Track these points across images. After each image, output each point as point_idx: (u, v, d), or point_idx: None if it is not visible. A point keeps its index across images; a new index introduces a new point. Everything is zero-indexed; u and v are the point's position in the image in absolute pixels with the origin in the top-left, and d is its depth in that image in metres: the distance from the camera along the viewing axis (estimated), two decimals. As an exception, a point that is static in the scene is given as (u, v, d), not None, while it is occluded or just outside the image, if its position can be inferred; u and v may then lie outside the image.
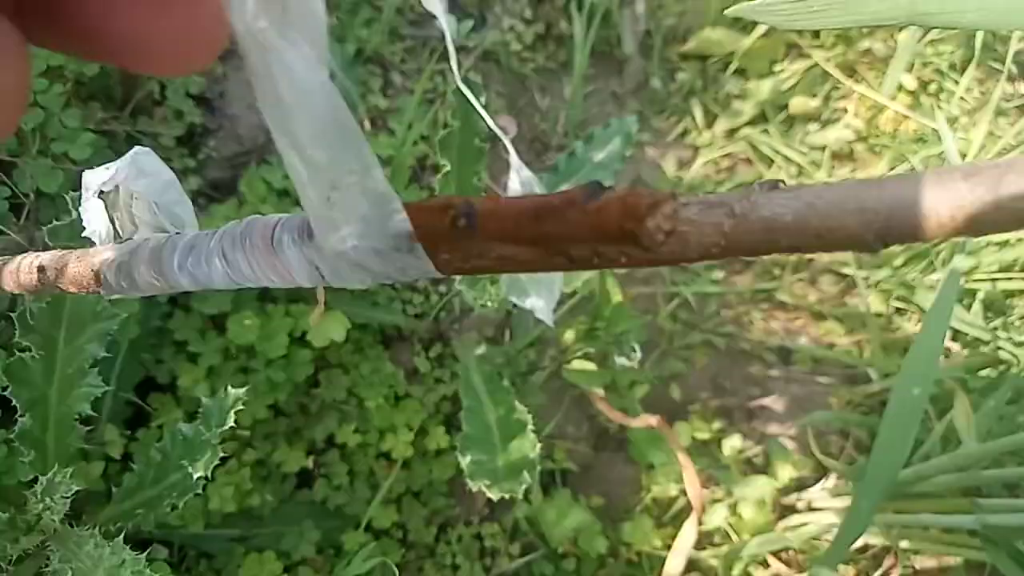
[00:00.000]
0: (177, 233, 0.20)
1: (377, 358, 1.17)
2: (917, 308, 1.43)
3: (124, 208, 0.22)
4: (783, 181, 0.14)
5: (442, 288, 1.25)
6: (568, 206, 0.14)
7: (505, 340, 1.26)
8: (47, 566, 0.68)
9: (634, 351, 0.95)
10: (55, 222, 0.63)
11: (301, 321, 1.08)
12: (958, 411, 1.01)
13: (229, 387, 0.74)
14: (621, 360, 0.94)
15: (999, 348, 1.29)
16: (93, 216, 0.23)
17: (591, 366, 1.02)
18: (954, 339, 1.38)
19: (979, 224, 0.13)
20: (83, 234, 0.23)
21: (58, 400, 0.65)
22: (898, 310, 1.45)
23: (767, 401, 1.33)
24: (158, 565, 0.87)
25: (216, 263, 0.18)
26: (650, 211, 0.13)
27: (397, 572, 1.12)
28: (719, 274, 1.47)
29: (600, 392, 1.05)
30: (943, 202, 0.13)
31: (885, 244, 0.14)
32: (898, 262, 1.45)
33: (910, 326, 1.43)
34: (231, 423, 0.70)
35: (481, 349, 1.11)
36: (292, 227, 0.18)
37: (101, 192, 0.22)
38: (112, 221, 0.22)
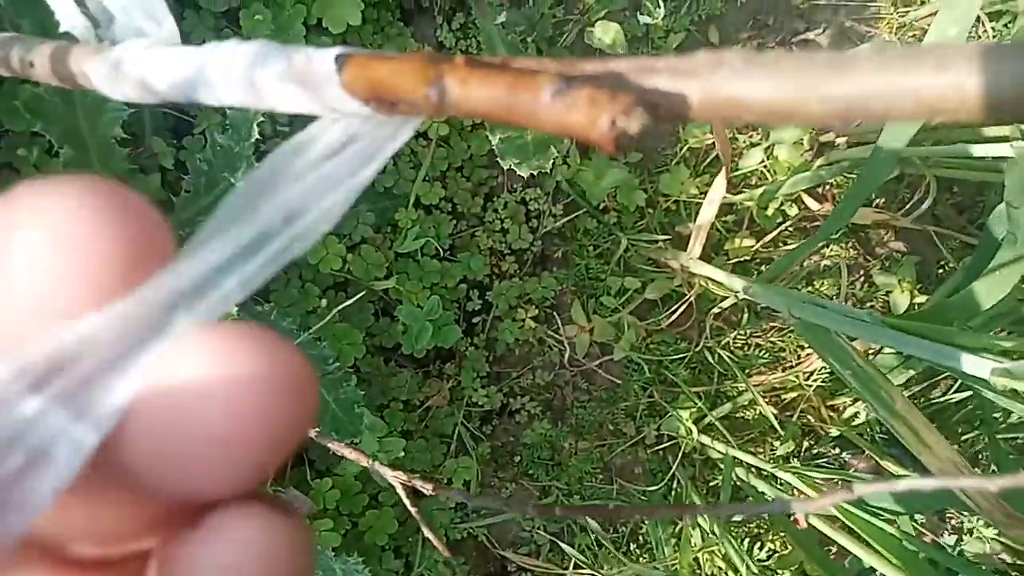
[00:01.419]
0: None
1: (399, 35, 1.14)
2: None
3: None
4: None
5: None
6: (534, 100, 0.14)
7: (527, 1, 1.19)
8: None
9: (658, 6, 0.88)
10: None
11: (313, 7, 1.04)
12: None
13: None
14: (644, 18, 0.88)
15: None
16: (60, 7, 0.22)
17: (615, 27, 0.97)
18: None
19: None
20: (60, 30, 0.22)
21: (90, 129, 0.68)
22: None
23: (811, 35, 1.26)
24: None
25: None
26: (612, 125, 0.13)
27: (451, 242, 1.22)
28: None
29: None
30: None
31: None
32: None
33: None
34: (256, 135, 0.72)
35: (503, 17, 1.06)
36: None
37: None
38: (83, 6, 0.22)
